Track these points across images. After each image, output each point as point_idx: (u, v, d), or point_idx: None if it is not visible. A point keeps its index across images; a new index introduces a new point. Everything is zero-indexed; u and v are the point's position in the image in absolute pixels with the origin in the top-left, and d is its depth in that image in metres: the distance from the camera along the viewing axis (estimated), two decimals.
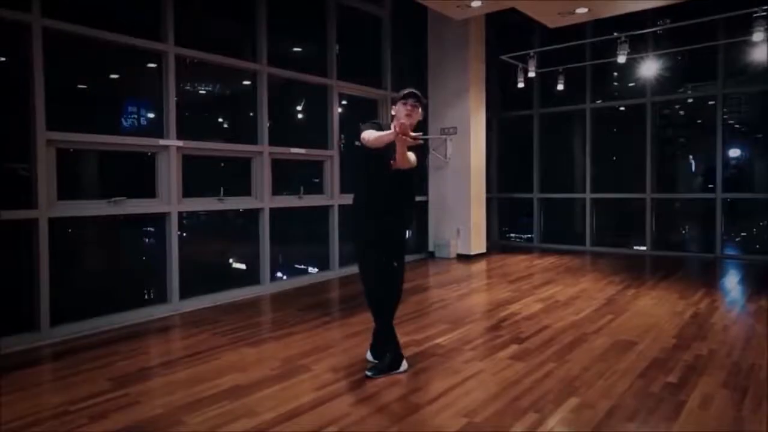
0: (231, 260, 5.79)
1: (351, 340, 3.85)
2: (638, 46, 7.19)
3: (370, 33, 7.12)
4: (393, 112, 3.11)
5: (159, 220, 4.70)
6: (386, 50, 7.16)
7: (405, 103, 3.04)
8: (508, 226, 9.53)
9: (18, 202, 3.78)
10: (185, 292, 4.81)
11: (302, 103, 6.58)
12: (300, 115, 6.64)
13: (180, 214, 4.84)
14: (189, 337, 4.08)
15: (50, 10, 3.87)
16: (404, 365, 3.17)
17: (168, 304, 4.67)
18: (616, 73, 8.36)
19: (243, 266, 5.76)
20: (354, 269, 6.39)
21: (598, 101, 8.35)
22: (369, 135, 2.89)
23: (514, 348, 3.59)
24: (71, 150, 4.22)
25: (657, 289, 5.40)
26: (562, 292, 5.29)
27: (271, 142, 5.60)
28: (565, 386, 2.92)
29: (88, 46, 4.24)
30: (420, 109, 3.07)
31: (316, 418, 2.59)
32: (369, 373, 3.08)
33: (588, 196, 8.34)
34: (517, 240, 9.36)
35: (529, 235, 9.09)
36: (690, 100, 8.20)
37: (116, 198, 4.32)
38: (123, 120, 4.72)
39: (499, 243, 9.18)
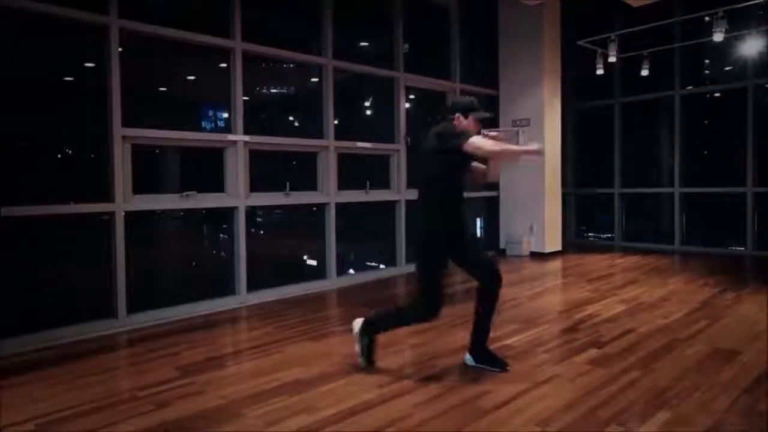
0: (305, 256, 5.86)
1: (415, 337, 3.69)
2: (737, 23, 6.45)
3: (438, 23, 6.91)
4: (459, 123, 2.95)
5: (229, 214, 4.78)
6: (454, 41, 6.92)
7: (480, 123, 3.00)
8: (587, 223, 8.95)
9: (97, 195, 3.97)
10: (254, 285, 4.87)
11: (370, 99, 6.52)
12: (369, 111, 6.58)
13: (252, 209, 4.94)
14: (255, 329, 4.11)
15: (127, 11, 4.03)
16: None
17: (236, 296, 4.75)
18: (710, 57, 7.56)
19: (314, 263, 5.81)
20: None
21: (689, 87, 7.61)
22: (485, 144, 2.75)
23: (593, 352, 3.28)
24: (156, 150, 4.43)
25: (762, 293, 4.79)
26: (648, 293, 4.83)
27: (341, 137, 5.57)
28: (653, 397, 2.60)
29: (169, 50, 4.40)
30: None
31: (377, 417, 2.46)
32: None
33: (677, 190, 7.63)
34: (597, 239, 8.75)
35: (609, 234, 8.47)
36: None
37: (187, 192, 4.45)
38: (203, 123, 4.87)
39: (576, 241, 8.64)
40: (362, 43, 6.28)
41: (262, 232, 5.57)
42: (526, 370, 2.98)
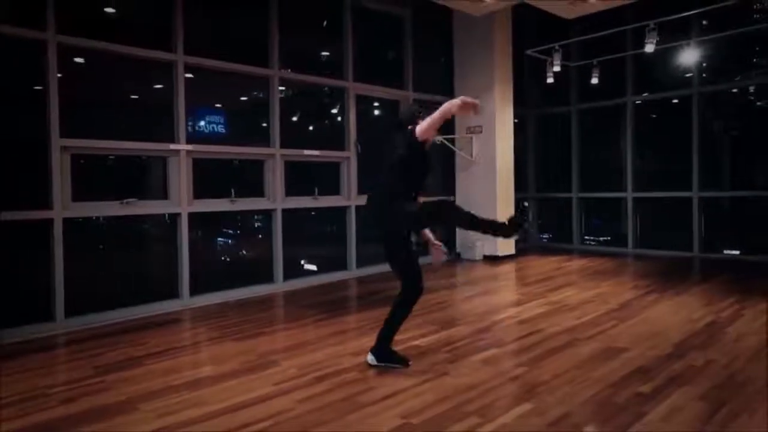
0: (302, 261, 6.21)
1: (334, 338, 3.88)
2: (682, 33, 6.65)
3: (392, 32, 7.11)
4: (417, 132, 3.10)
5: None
6: (407, 50, 7.12)
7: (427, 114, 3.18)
8: (548, 227, 9.13)
9: (36, 203, 4.16)
10: (199, 289, 5.05)
11: (338, 107, 6.71)
12: (339, 118, 6.77)
13: (193, 215, 5.16)
14: (186, 330, 4.30)
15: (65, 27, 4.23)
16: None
17: (179, 300, 4.93)
18: (667, 64, 7.72)
19: (314, 267, 6.21)
20: (371, 270, 6.49)
21: (645, 93, 7.81)
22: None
23: (492, 351, 3.46)
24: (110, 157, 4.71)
25: (685, 294, 4.97)
26: (576, 296, 5.01)
27: (313, 145, 6.00)
28: (524, 392, 2.78)
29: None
30: None
31: (260, 411, 2.64)
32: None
33: (629, 195, 7.83)
34: (597, 241, 8.78)
35: (607, 237, 8.56)
36: (752, 88, 7.46)
37: (128, 199, 4.63)
38: (199, 127, 5.14)
39: (539, 245, 8.83)
40: (314, 52, 6.48)
41: (260, 236, 5.86)
42: (419, 369, 3.16)
